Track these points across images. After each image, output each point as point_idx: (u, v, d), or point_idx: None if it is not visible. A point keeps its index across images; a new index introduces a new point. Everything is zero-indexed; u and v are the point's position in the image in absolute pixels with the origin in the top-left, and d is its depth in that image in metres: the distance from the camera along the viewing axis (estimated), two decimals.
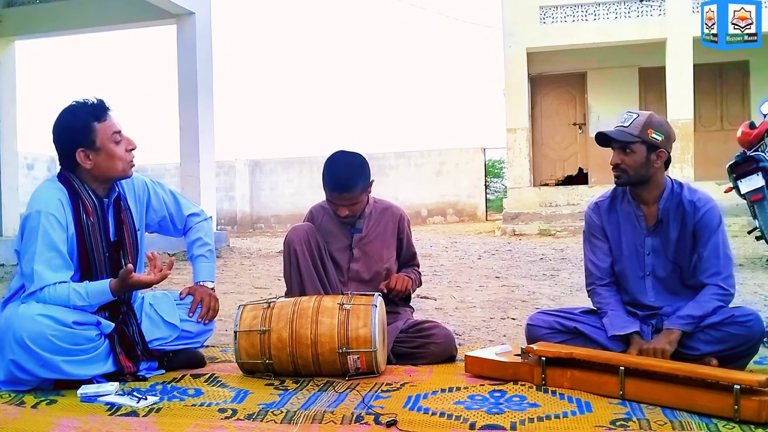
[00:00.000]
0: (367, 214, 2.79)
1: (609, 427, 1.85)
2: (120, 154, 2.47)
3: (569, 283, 5.07)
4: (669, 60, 11.30)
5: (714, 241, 2.42)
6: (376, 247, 2.78)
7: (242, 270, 6.69)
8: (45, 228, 2.35)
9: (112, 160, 2.45)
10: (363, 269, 2.77)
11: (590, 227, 2.63)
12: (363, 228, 2.78)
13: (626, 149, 2.45)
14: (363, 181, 2.67)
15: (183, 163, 8.52)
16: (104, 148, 2.44)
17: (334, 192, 2.66)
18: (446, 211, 15.06)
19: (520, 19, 11.79)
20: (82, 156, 2.43)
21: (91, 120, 2.43)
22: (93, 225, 2.45)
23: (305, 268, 2.67)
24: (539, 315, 2.60)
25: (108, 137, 2.44)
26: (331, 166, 2.68)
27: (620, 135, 2.46)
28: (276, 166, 16.17)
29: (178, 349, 2.61)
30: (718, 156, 9.13)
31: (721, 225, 2.46)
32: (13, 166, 9.47)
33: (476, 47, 45.92)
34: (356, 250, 2.77)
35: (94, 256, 2.44)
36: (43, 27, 9.34)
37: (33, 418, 2.05)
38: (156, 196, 2.73)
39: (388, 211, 2.85)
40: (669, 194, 2.50)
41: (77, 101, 2.47)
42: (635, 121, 2.46)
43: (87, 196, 2.46)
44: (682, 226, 2.47)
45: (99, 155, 2.44)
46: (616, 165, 2.48)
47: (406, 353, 2.63)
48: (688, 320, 2.33)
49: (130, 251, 2.55)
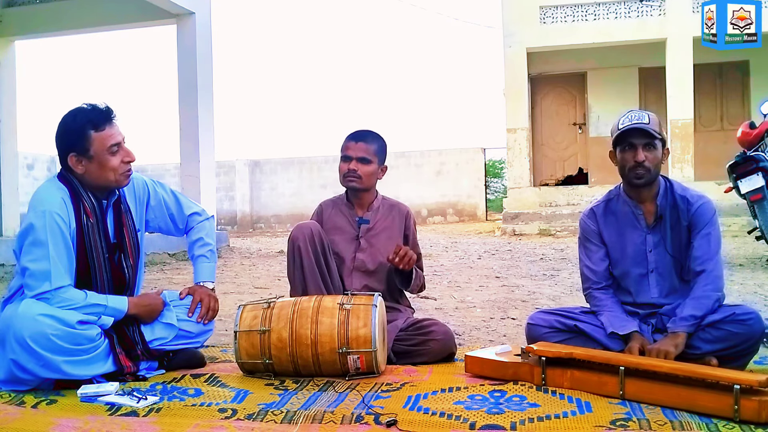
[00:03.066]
0: (375, 207, 2.88)
1: (609, 427, 1.85)
2: (113, 165, 2.43)
3: (569, 283, 5.07)
4: (669, 60, 11.30)
5: (706, 232, 2.43)
6: (382, 240, 2.82)
7: (242, 270, 6.69)
8: (54, 228, 2.35)
9: (104, 170, 2.43)
10: (368, 260, 2.80)
11: (585, 233, 2.63)
12: (371, 220, 2.84)
13: (650, 146, 2.43)
14: (378, 143, 2.85)
15: (183, 163, 8.53)
16: (97, 158, 2.41)
17: (349, 140, 2.83)
18: (446, 211, 15.07)
19: (520, 19, 11.79)
20: (74, 161, 2.42)
21: (89, 127, 2.40)
22: (92, 226, 2.44)
23: (308, 266, 2.67)
24: (539, 314, 2.60)
25: (103, 147, 2.41)
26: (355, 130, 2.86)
27: (651, 129, 2.42)
28: (276, 166, 16.17)
29: (178, 349, 2.61)
30: (718, 156, 9.13)
31: (715, 218, 2.47)
32: (13, 166, 9.47)
33: (476, 47, 45.98)
34: (363, 241, 2.82)
35: (93, 256, 2.44)
36: (43, 27, 9.34)
37: (33, 418, 2.05)
38: (156, 195, 2.72)
39: (395, 208, 2.93)
40: (664, 191, 2.52)
41: (84, 105, 2.45)
42: (651, 118, 2.45)
43: (86, 197, 2.46)
44: (678, 222, 2.49)
45: (91, 163, 2.42)
46: (640, 163, 2.43)
47: (405, 351, 2.64)
48: (691, 321, 2.33)
49: (131, 253, 2.55)
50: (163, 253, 7.57)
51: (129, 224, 2.57)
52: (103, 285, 2.47)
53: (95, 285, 2.45)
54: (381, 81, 43.24)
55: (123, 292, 2.53)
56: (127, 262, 2.53)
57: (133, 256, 2.57)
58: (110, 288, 2.49)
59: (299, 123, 41.10)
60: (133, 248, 2.57)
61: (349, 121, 35.79)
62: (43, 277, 2.33)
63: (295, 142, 35.96)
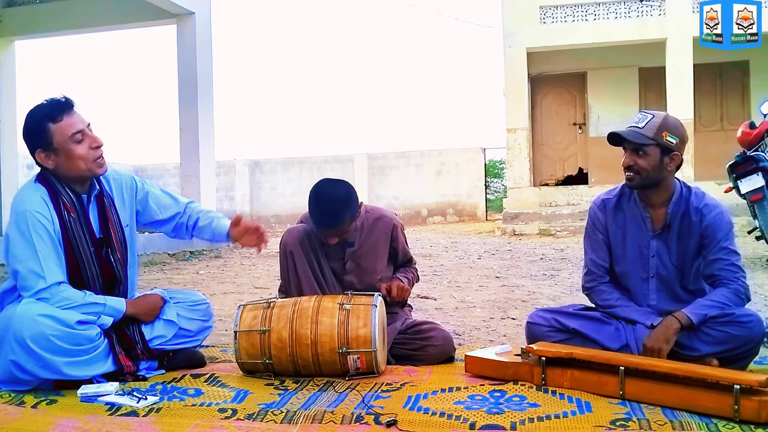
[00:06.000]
0: (359, 227, 2.71)
1: (609, 427, 1.85)
2: (80, 153, 2.41)
3: (569, 283, 5.07)
4: (669, 60, 11.30)
5: (724, 245, 2.37)
6: (369, 260, 2.73)
7: (242, 270, 6.69)
8: (37, 226, 2.35)
9: (72, 160, 2.41)
10: (356, 281, 2.71)
11: (594, 223, 2.58)
12: (355, 242, 2.72)
13: (639, 151, 2.38)
14: (350, 214, 2.59)
15: (183, 163, 8.53)
16: (62, 149, 2.40)
17: (321, 227, 2.60)
18: (446, 211, 15.06)
19: (520, 19, 11.79)
20: (42, 156, 2.42)
21: (46, 121, 2.39)
22: (75, 221, 2.44)
23: (302, 269, 2.66)
24: (539, 313, 2.59)
25: (65, 138, 2.39)
26: (317, 201, 2.58)
27: (634, 136, 2.38)
28: (276, 166, 16.18)
29: (178, 349, 2.61)
30: (718, 156, 9.13)
31: (731, 229, 2.41)
32: (13, 166, 9.47)
33: (476, 47, 45.99)
34: (349, 263, 2.72)
35: (80, 252, 2.44)
36: (43, 27, 9.34)
37: (33, 418, 2.05)
38: (143, 188, 2.70)
39: (380, 222, 2.77)
40: (678, 198, 2.45)
41: (40, 102, 2.44)
42: (650, 122, 2.38)
43: (65, 193, 2.45)
44: (687, 233, 2.43)
45: (59, 156, 2.41)
46: (629, 167, 2.41)
47: (404, 355, 2.63)
48: (700, 312, 2.29)
49: (117, 247, 2.54)
50: (163, 253, 7.56)
51: (113, 218, 2.56)
52: (94, 281, 2.47)
53: (86, 281, 2.45)
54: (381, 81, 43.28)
55: (114, 288, 2.53)
56: (114, 256, 2.52)
57: (121, 250, 2.55)
58: (101, 284, 2.49)
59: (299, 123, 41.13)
60: (120, 243, 2.56)
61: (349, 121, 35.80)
62: (35, 275, 2.33)
63: (295, 142, 35.99)
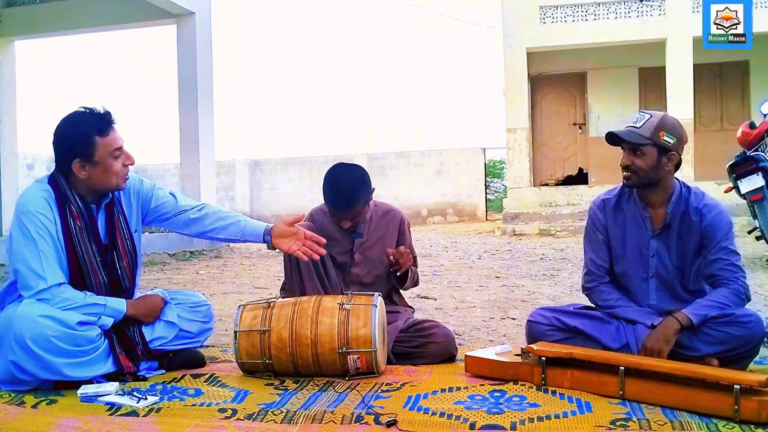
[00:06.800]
0: (368, 219, 2.78)
1: (609, 427, 1.85)
2: (116, 169, 2.44)
3: (569, 283, 5.07)
4: (669, 60, 11.30)
5: (724, 245, 2.37)
6: (377, 251, 2.76)
7: (242, 270, 6.69)
8: (40, 227, 2.35)
9: (108, 174, 2.43)
10: (364, 273, 2.76)
11: (593, 223, 2.59)
12: (364, 233, 2.77)
13: (637, 151, 2.39)
14: (365, 195, 2.66)
15: (183, 163, 8.53)
16: (102, 163, 2.41)
17: (337, 209, 2.66)
18: (446, 211, 15.06)
19: (520, 19, 11.79)
20: (78, 167, 2.41)
21: (94, 133, 2.40)
22: (81, 229, 2.44)
23: (305, 267, 2.66)
24: (540, 312, 2.59)
25: (108, 152, 2.41)
26: (333, 182, 2.65)
27: (631, 136, 2.40)
28: (276, 166, 16.17)
29: (178, 349, 2.61)
30: (718, 156, 9.12)
31: (730, 229, 2.41)
32: (13, 166, 9.48)
33: (476, 47, 45.96)
34: (357, 255, 2.76)
35: (84, 259, 2.44)
36: (43, 27, 9.34)
37: (33, 418, 2.05)
38: (152, 189, 2.68)
39: (389, 215, 2.84)
40: (677, 198, 2.46)
41: (83, 110, 2.44)
42: (647, 122, 2.40)
43: (73, 200, 2.45)
44: (687, 233, 2.44)
45: (95, 168, 2.42)
46: (626, 167, 2.42)
47: (406, 353, 2.63)
48: (701, 312, 2.29)
49: (124, 254, 2.54)
50: (163, 253, 7.56)
51: (122, 226, 2.56)
52: (99, 287, 2.47)
53: (90, 288, 2.45)
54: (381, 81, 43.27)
55: (120, 294, 2.53)
56: (120, 263, 2.52)
57: (128, 257, 2.55)
58: (107, 290, 2.49)
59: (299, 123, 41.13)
60: (127, 250, 2.56)
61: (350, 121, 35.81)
62: (36, 276, 2.33)
63: (295, 142, 35.97)
